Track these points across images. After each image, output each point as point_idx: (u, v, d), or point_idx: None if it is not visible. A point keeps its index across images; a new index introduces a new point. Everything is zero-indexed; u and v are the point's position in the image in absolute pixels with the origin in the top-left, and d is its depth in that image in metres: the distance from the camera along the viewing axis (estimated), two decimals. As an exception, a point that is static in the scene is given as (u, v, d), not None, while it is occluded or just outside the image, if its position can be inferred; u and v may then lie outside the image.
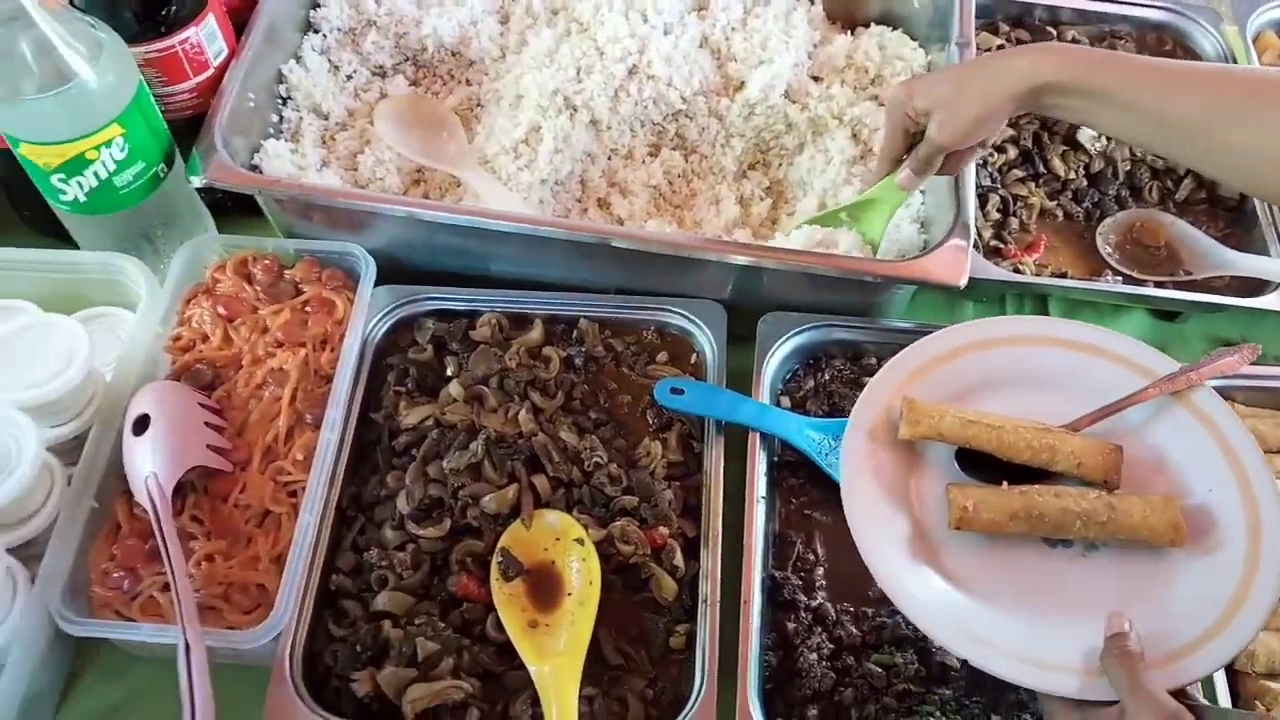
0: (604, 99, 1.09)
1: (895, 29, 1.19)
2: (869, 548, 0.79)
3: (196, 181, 0.99)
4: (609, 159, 1.10)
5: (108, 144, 0.93)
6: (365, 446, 0.97)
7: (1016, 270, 1.09)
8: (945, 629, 0.76)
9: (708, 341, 1.01)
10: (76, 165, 0.93)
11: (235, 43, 1.06)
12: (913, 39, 1.18)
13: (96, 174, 0.94)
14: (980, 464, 0.84)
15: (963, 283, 0.94)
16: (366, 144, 1.11)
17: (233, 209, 1.13)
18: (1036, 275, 1.10)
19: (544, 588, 0.89)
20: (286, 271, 1.04)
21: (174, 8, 0.98)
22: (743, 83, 1.14)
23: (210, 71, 1.04)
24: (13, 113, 0.89)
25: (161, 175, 1.00)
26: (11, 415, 0.88)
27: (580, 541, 0.90)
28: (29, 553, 0.88)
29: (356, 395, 0.99)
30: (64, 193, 0.95)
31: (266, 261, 1.03)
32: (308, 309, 1.01)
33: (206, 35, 1.02)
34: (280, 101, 1.12)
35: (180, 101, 1.04)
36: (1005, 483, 0.82)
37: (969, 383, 0.88)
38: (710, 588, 0.87)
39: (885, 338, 1.02)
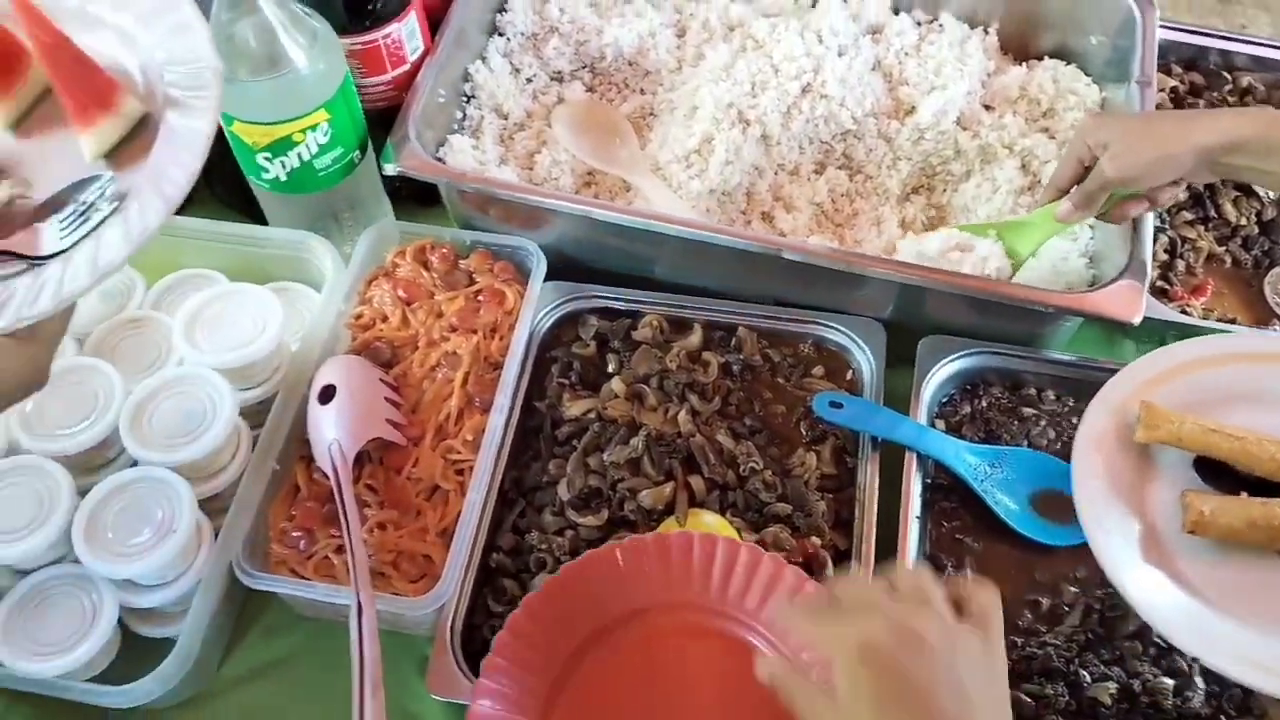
0: (776, 115, 1.11)
1: (1069, 64, 1.19)
2: (1100, 545, 0.80)
3: (390, 169, 1.04)
4: (776, 174, 1.13)
5: (313, 128, 0.98)
6: (528, 433, 1.01)
7: (1184, 312, 1.08)
8: (1171, 625, 0.77)
9: (865, 359, 1.02)
10: (283, 146, 0.99)
11: (429, 41, 1.11)
12: (1086, 74, 1.18)
13: (300, 155, 1.00)
14: (1217, 475, 0.85)
15: (1137, 320, 0.94)
16: (543, 144, 1.15)
17: (406, 197, 1.18)
18: (1203, 319, 1.08)
19: (694, 584, 0.91)
20: (461, 261, 1.08)
21: (380, 4, 1.04)
22: (913, 107, 1.15)
23: (406, 67, 1.09)
24: (232, 92, 0.95)
25: (356, 161, 1.05)
26: (210, 376, 0.94)
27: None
28: (213, 506, 0.94)
29: (522, 383, 1.02)
30: (267, 171, 1.01)
31: (444, 250, 1.08)
32: (480, 298, 1.06)
33: (407, 32, 1.07)
34: (464, 99, 1.17)
35: (376, 93, 1.09)
36: (1244, 494, 0.82)
37: (1204, 395, 0.88)
38: (861, 600, 0.88)
39: (1047, 369, 1.01)
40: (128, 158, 0.77)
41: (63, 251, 0.71)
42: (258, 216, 1.13)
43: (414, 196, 1.17)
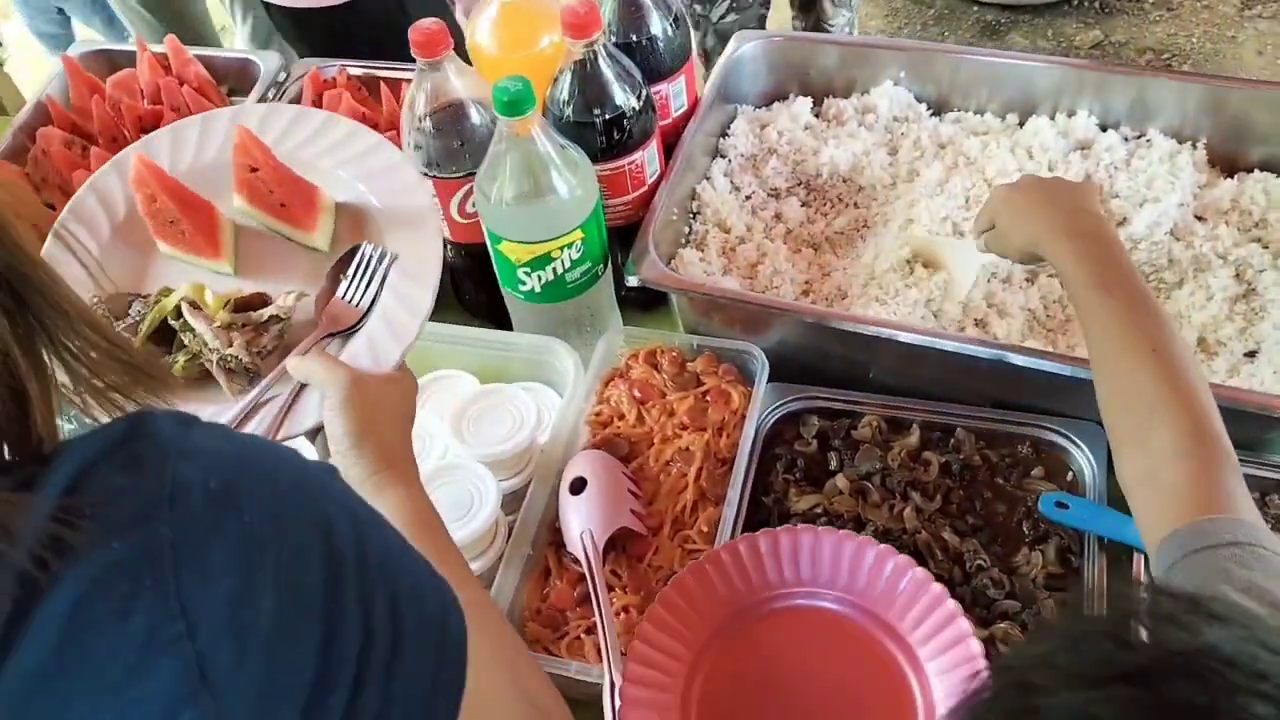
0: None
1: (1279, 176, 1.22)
2: None
3: (632, 280, 1.14)
4: (989, 281, 1.18)
5: (569, 245, 1.10)
6: (756, 525, 1.07)
7: None
8: None
9: (1086, 460, 1.05)
10: (541, 262, 1.10)
11: (664, 164, 1.23)
12: (1298, 186, 1.20)
13: (555, 270, 1.11)
14: None
15: (1373, 425, 0.94)
16: (763, 256, 1.23)
17: (632, 302, 1.28)
18: None
19: (922, 678, 0.95)
20: (688, 364, 1.17)
21: (628, 134, 1.15)
22: (1125, 218, 1.19)
23: (644, 188, 1.20)
24: (505, 215, 1.08)
25: (599, 273, 1.16)
26: (475, 467, 1.05)
27: (960, 639, 0.95)
28: (474, 586, 1.03)
29: (749, 478, 1.09)
30: (524, 283, 1.13)
31: (673, 354, 1.17)
32: (707, 398, 1.14)
33: (648, 158, 1.18)
34: (691, 216, 1.27)
35: (616, 211, 1.20)
36: None
37: None
38: (1094, 698, 0.90)
39: (1271, 473, 1.02)
40: (346, 241, 0.97)
41: (366, 314, 0.91)
42: (501, 323, 1.25)
43: (638, 302, 1.28)
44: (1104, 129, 1.27)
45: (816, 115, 1.36)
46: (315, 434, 0.87)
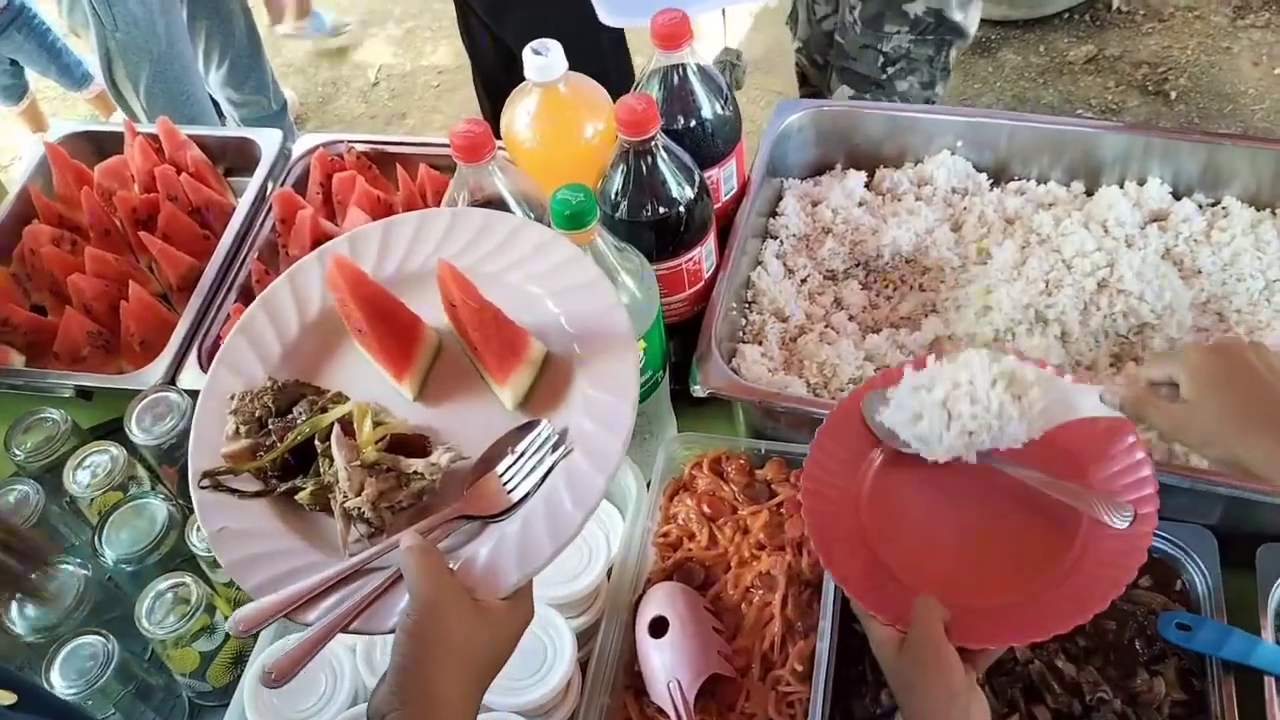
0: (1075, 312, 1.10)
1: (1370, 244, 1.15)
2: None
3: (698, 391, 1.06)
4: (1074, 369, 1.11)
5: (633, 356, 1.01)
6: (849, 656, 0.99)
7: None
8: None
9: (1197, 569, 0.98)
10: (602, 376, 1.01)
11: (719, 254, 1.14)
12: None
13: (615, 384, 1.02)
14: None
15: None
16: (827, 345, 1.15)
17: (683, 398, 1.19)
18: None
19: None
20: (757, 471, 1.09)
21: (685, 230, 1.07)
22: (1211, 296, 1.13)
23: (700, 284, 1.12)
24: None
25: (659, 380, 1.07)
26: (547, 613, 0.96)
27: None
28: (549, 741, 0.94)
29: (838, 602, 1.01)
30: (581, 397, 1.04)
31: (740, 461, 1.09)
32: (782, 510, 1.05)
33: (705, 253, 1.10)
34: (746, 305, 1.19)
35: (673, 310, 1.12)
36: None
37: None
38: (1243, 846, 0.83)
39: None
40: (539, 403, 0.82)
41: (516, 506, 0.76)
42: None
43: (690, 398, 1.19)
44: (1177, 197, 1.20)
45: (869, 188, 1.28)
46: None
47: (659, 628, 0.96)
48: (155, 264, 1.32)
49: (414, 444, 0.80)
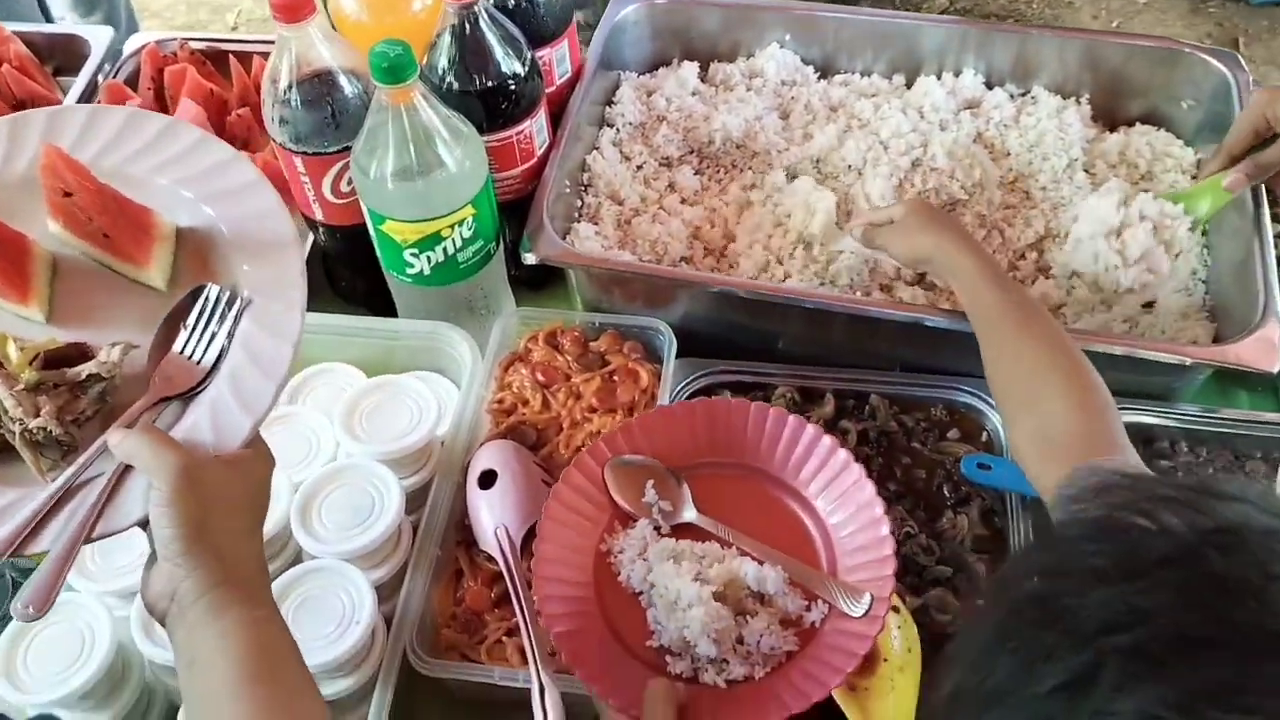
0: (889, 190, 1.15)
1: (1160, 129, 1.24)
2: None
3: (529, 258, 1.07)
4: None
5: (460, 223, 1.02)
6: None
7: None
8: None
9: (999, 420, 1.05)
10: (430, 242, 1.02)
11: (552, 135, 1.16)
12: (1179, 138, 1.22)
13: (445, 250, 1.03)
14: None
15: (1276, 369, 0.96)
16: (659, 224, 1.18)
17: (522, 282, 1.21)
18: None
19: (859, 653, 0.92)
20: (591, 343, 1.11)
21: (514, 103, 1.08)
22: (1019, 175, 1.19)
23: (533, 160, 1.13)
24: (387, 193, 0.99)
25: (492, 252, 1.09)
26: (374, 467, 0.97)
27: (895, 609, 0.92)
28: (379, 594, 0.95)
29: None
30: (412, 266, 1.05)
31: (575, 334, 1.11)
32: (615, 378, 1.08)
33: (536, 128, 1.11)
34: (582, 189, 1.21)
35: (505, 186, 1.13)
36: None
37: None
38: (1032, 657, 0.89)
39: (1179, 422, 1.04)
40: (190, 278, 0.80)
41: (211, 374, 0.75)
42: (381, 309, 1.16)
43: (528, 281, 1.21)
44: (989, 87, 1.27)
45: (703, 80, 1.31)
46: (146, 524, 0.71)
47: (488, 480, 0.97)
48: (-25, 156, 1.27)
49: (72, 355, 0.76)
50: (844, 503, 0.88)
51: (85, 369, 0.72)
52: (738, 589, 0.85)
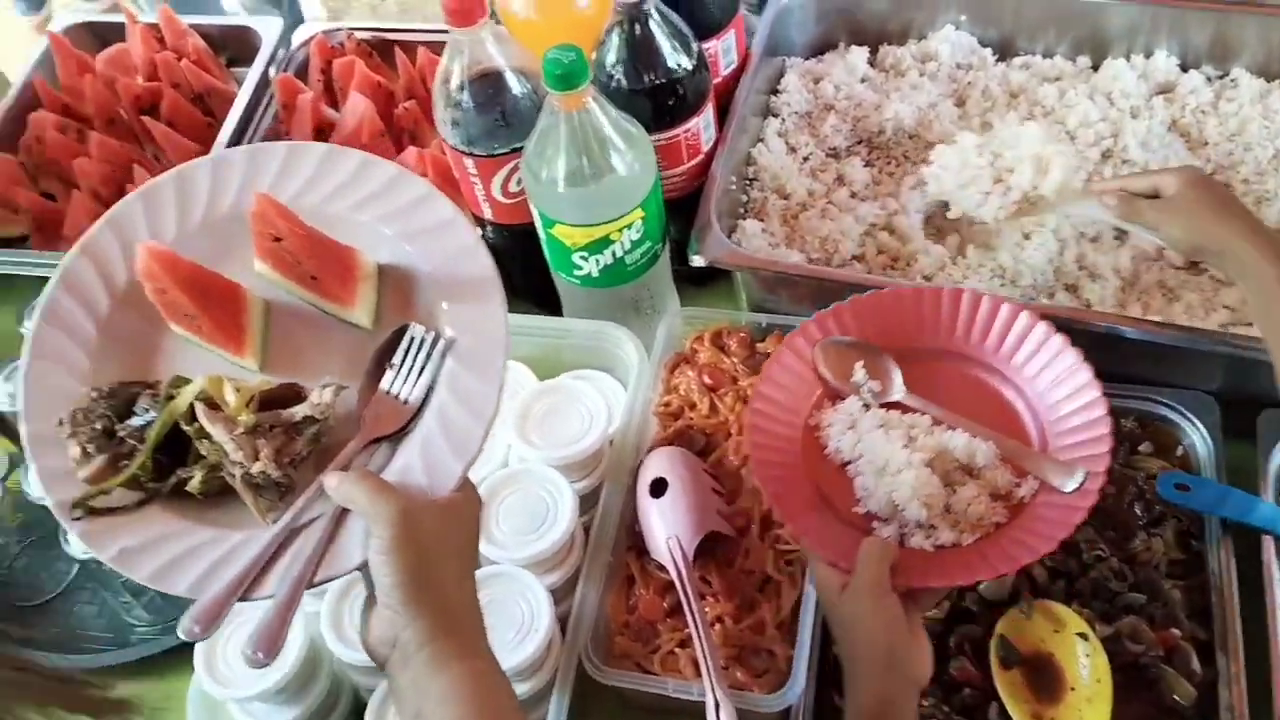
0: (1076, 183, 1.09)
1: (1379, 112, 1.14)
2: None
3: (697, 261, 1.06)
4: (1078, 242, 1.10)
5: (629, 226, 1.01)
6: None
7: None
8: None
9: (1199, 435, 0.98)
10: (599, 245, 1.01)
11: (718, 128, 1.13)
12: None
13: (614, 253, 1.02)
14: None
15: None
16: (830, 220, 1.15)
17: (684, 279, 1.19)
18: None
19: (1043, 679, 0.88)
20: (757, 344, 1.09)
21: (682, 101, 1.06)
22: (1219, 166, 1.11)
23: (700, 157, 1.11)
24: (557, 197, 0.99)
25: (659, 253, 1.07)
26: (548, 473, 0.97)
27: (1083, 636, 0.89)
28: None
29: (836, 469, 1.02)
30: (580, 268, 1.04)
31: (741, 335, 1.09)
32: (783, 382, 1.06)
33: (704, 124, 1.09)
34: (747, 183, 1.18)
35: (671, 183, 1.11)
36: None
37: None
38: (1235, 696, 0.84)
39: None
40: (392, 316, 0.79)
41: (418, 413, 0.75)
42: (547, 306, 1.16)
43: (692, 277, 1.19)
44: (1184, 69, 1.19)
45: (872, 65, 1.26)
46: (363, 567, 0.71)
47: (659, 488, 0.97)
48: (160, 151, 1.32)
49: (286, 396, 0.75)
50: (1059, 385, 0.89)
51: (299, 410, 0.73)
52: (946, 461, 0.87)
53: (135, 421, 0.73)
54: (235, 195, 0.82)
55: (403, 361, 0.75)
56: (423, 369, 0.75)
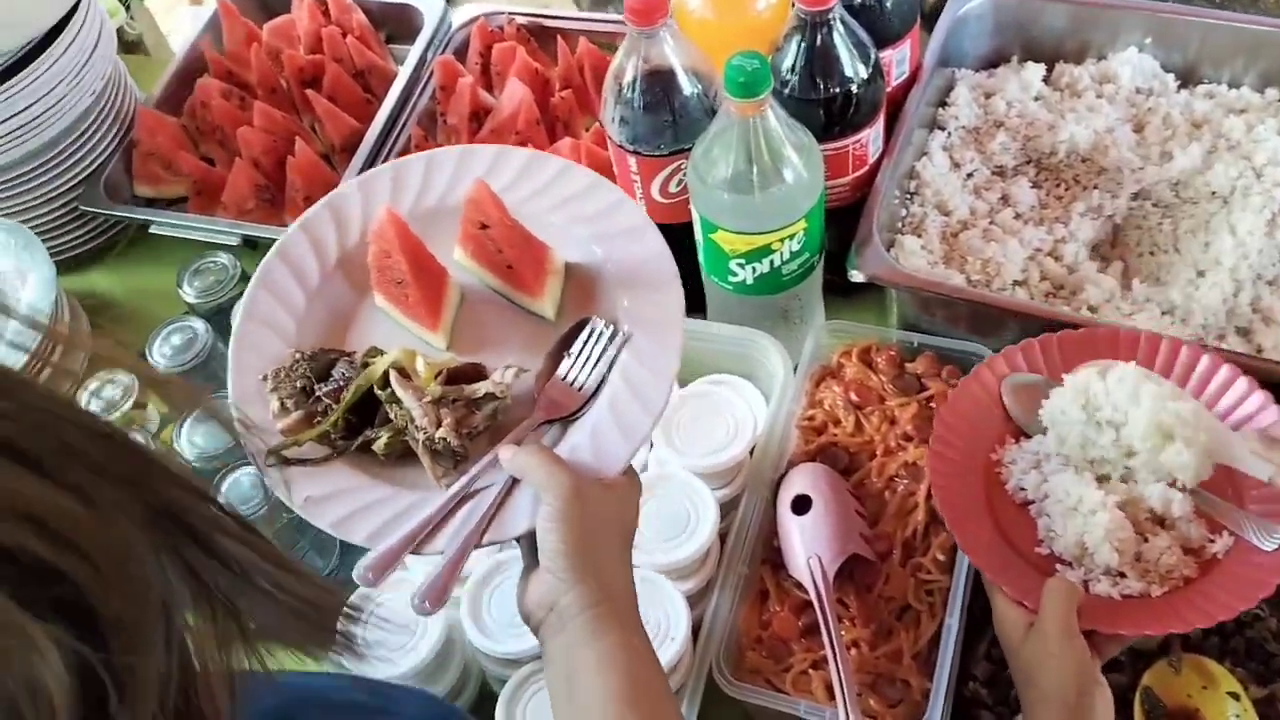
0: (1261, 223, 1.04)
1: None
2: None
3: (855, 276, 1.04)
4: (1254, 284, 1.05)
5: (791, 237, 0.99)
6: (991, 553, 0.98)
7: None
8: None
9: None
10: (759, 254, 1.00)
11: (885, 140, 1.11)
12: None
13: (772, 262, 1.01)
14: None
15: None
16: (993, 242, 1.12)
17: (833, 288, 1.17)
18: None
19: (1192, 737, 0.86)
20: (907, 364, 1.07)
21: (856, 111, 1.04)
22: None
23: (864, 169, 1.09)
24: (721, 202, 0.98)
25: (815, 264, 1.06)
26: (691, 480, 0.97)
27: (1235, 696, 0.85)
28: (684, 607, 0.95)
29: (983, 499, 0.99)
30: (735, 275, 1.03)
31: (890, 352, 1.07)
32: (932, 404, 1.04)
33: (873, 135, 1.07)
34: (908, 196, 1.16)
35: (833, 194, 1.09)
36: None
37: None
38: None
39: None
40: (574, 310, 0.85)
41: (590, 400, 0.80)
42: (691, 304, 1.14)
43: (837, 289, 1.17)
44: (1392, 108, 1.12)
45: (1046, 82, 1.22)
46: (521, 538, 0.77)
47: (802, 505, 0.96)
48: (319, 124, 1.35)
49: (469, 373, 0.81)
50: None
51: (482, 387, 0.78)
52: (1138, 508, 0.85)
53: (331, 384, 0.79)
54: (443, 190, 0.88)
55: (581, 350, 0.81)
56: (599, 359, 0.80)
